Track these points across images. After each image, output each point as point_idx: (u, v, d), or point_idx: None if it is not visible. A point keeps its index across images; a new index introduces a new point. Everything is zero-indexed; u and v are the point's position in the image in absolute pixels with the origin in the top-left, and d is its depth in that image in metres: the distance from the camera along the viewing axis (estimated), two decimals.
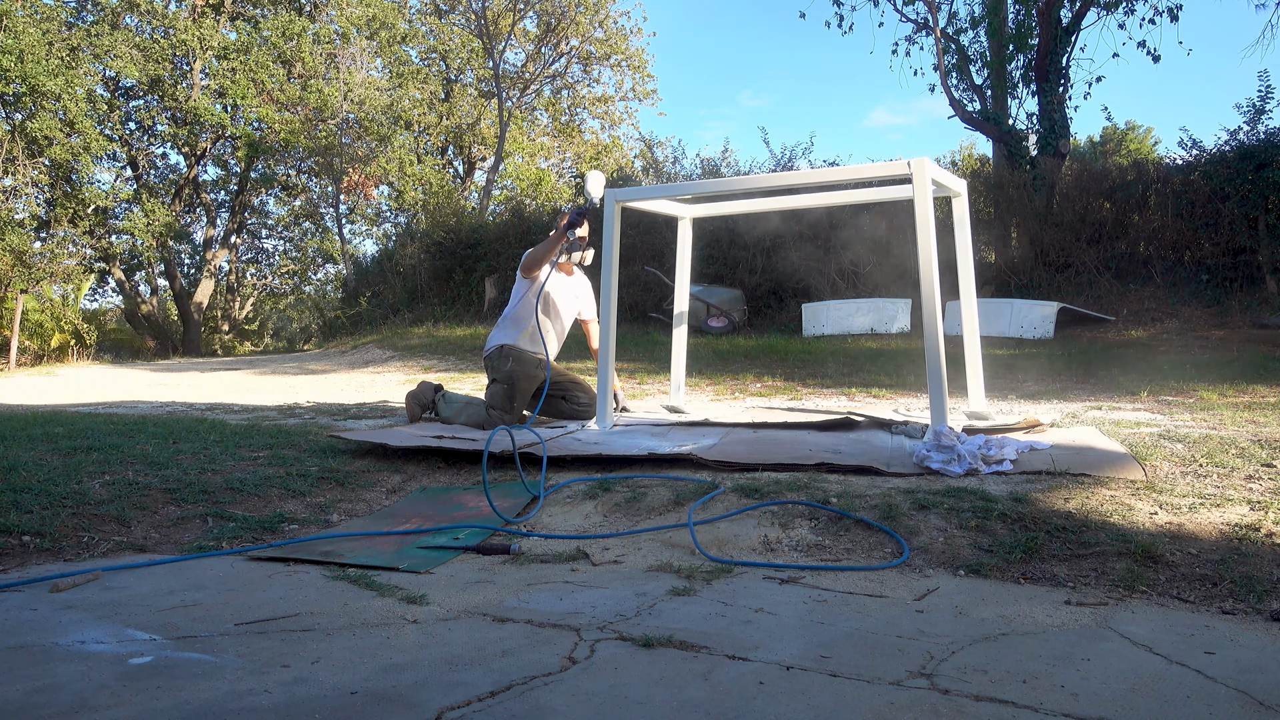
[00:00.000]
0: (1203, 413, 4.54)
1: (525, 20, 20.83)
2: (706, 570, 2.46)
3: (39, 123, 15.80)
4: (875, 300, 10.90)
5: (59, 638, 1.90)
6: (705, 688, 1.65)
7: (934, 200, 3.72)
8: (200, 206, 22.31)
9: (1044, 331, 9.41)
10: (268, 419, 5.28)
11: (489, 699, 1.60)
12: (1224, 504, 2.68)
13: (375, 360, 10.54)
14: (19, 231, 14.93)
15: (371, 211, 23.15)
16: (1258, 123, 10.54)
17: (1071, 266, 11.22)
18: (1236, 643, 1.87)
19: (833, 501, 2.87)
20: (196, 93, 19.38)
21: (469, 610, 2.15)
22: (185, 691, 1.62)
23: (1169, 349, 8.01)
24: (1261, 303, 9.78)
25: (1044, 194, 11.69)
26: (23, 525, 2.75)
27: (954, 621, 2.02)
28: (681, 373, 5.14)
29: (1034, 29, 12.49)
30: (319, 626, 2.02)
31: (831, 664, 1.76)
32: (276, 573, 2.48)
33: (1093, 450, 3.40)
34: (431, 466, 3.71)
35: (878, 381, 6.57)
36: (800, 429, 4.22)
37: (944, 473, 3.13)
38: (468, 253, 15.16)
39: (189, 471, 3.49)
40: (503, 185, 22.32)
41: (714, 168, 15.65)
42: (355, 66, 19.33)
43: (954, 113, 13.19)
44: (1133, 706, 1.55)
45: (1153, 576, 2.27)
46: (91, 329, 15.34)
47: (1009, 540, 2.52)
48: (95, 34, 17.93)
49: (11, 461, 3.46)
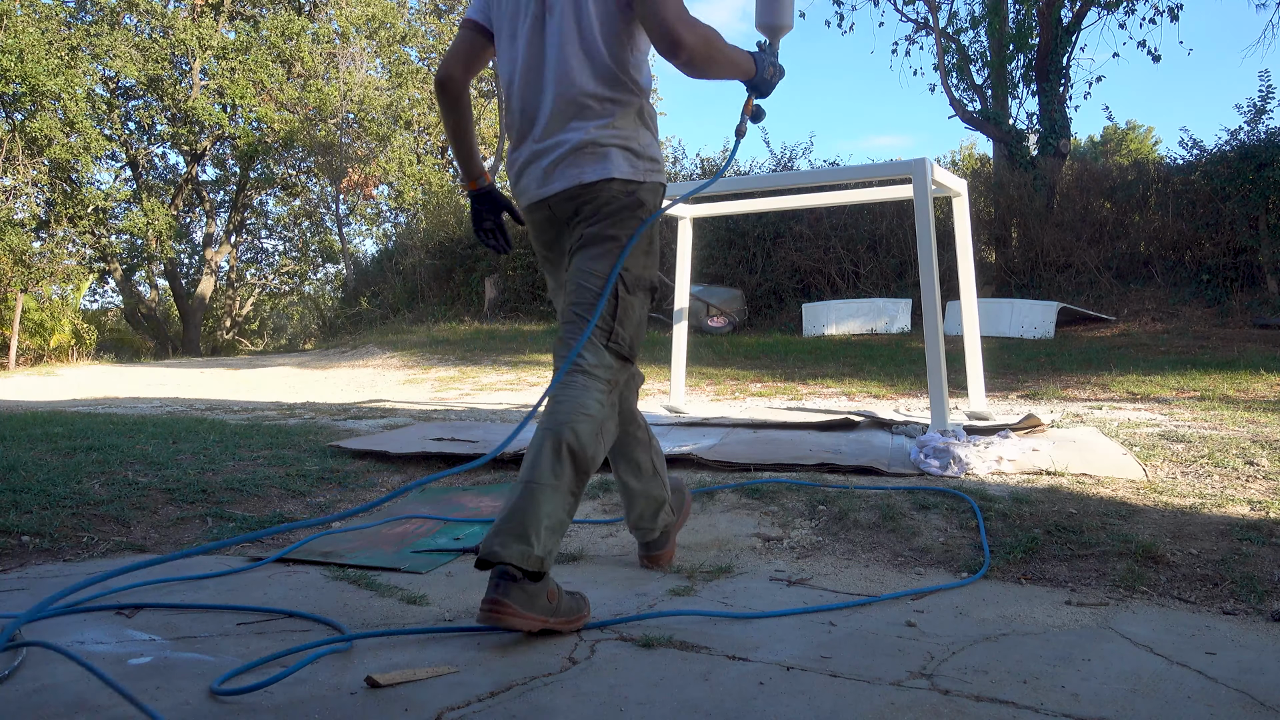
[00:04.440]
0: (1203, 413, 4.54)
1: None
2: (706, 570, 2.45)
3: (39, 123, 15.79)
4: (875, 300, 10.89)
5: (59, 638, 1.90)
6: (705, 688, 1.64)
7: (934, 200, 3.72)
8: (200, 206, 22.30)
9: (1044, 331, 9.41)
10: (268, 419, 5.27)
11: (489, 699, 1.59)
12: (1224, 504, 2.68)
13: (375, 359, 10.54)
14: (19, 231, 14.92)
15: (371, 211, 23.15)
16: (1258, 123, 10.55)
17: (1072, 266, 11.22)
18: (1238, 643, 1.87)
19: (833, 501, 2.87)
20: (196, 92, 19.37)
21: (469, 610, 2.15)
22: (185, 692, 1.62)
23: (1169, 349, 8.01)
24: (1262, 303, 9.78)
25: (1044, 194, 11.69)
26: (22, 525, 2.74)
27: (954, 622, 2.02)
28: (681, 373, 5.14)
29: (1034, 29, 12.49)
30: (318, 629, 2.01)
31: (832, 664, 1.75)
32: (276, 573, 2.48)
33: (1093, 450, 3.40)
34: (431, 467, 3.71)
35: (878, 381, 6.57)
36: (800, 429, 4.21)
37: (944, 473, 3.13)
38: (468, 253, 15.16)
39: (189, 471, 3.49)
40: (503, 185, 22.31)
41: (714, 167, 15.65)
42: (355, 66, 19.32)
43: (954, 113, 13.19)
44: (1133, 707, 1.55)
45: (1153, 577, 2.27)
46: (91, 329, 15.33)
47: (1009, 540, 2.52)
48: (94, 33, 17.93)
49: (11, 461, 3.46)
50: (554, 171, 2.11)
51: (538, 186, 2.15)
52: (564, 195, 2.11)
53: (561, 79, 2.07)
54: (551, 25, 2.09)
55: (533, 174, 2.16)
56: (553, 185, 2.12)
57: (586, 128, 2.07)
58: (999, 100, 13.32)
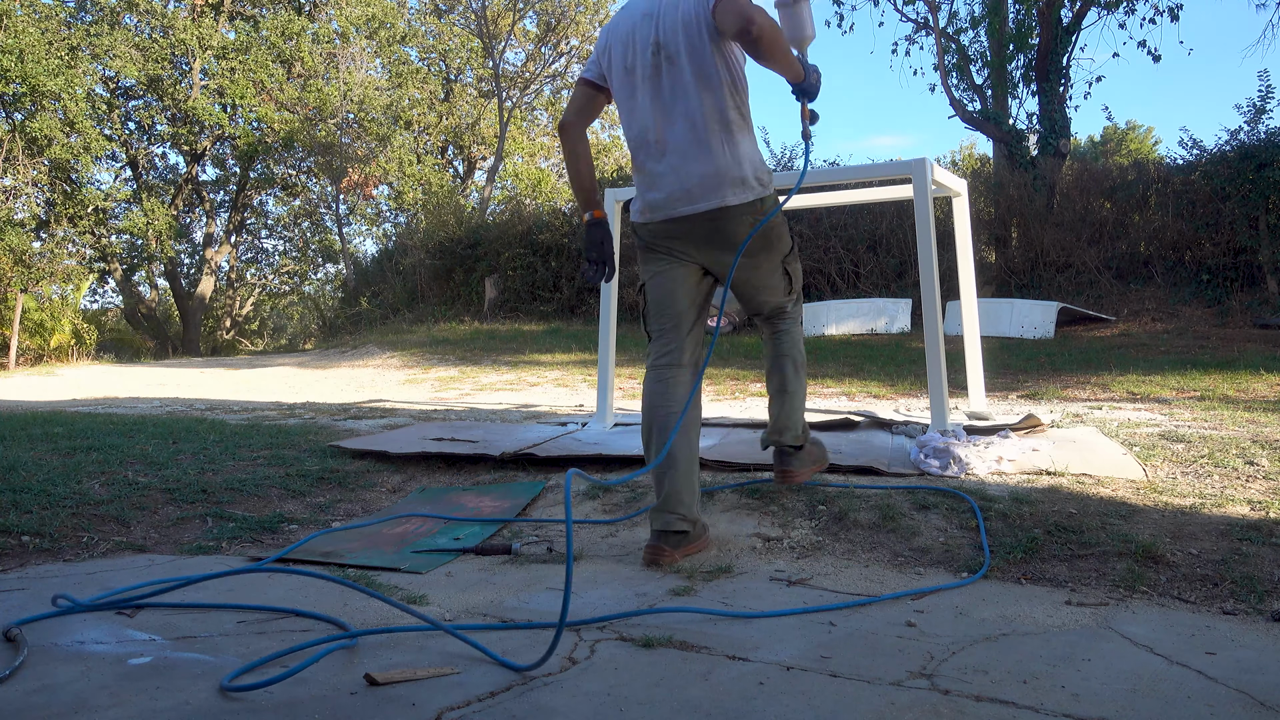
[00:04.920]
0: (1203, 413, 4.54)
1: (525, 20, 20.84)
2: (706, 570, 2.45)
3: (39, 123, 15.79)
4: (875, 300, 10.89)
5: (59, 638, 1.90)
6: (705, 688, 1.64)
7: (934, 200, 3.72)
8: (200, 206, 22.30)
9: (1044, 331, 9.41)
10: (268, 419, 5.27)
11: (489, 699, 1.59)
12: (1224, 504, 2.68)
13: (375, 359, 10.54)
14: (19, 231, 14.92)
15: (371, 211, 23.15)
16: (1258, 122, 10.54)
17: (1072, 266, 11.22)
18: (1237, 643, 1.87)
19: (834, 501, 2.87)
20: (196, 92, 19.37)
21: (469, 610, 2.15)
22: (185, 691, 1.62)
23: (1169, 349, 8.01)
24: (1262, 303, 9.78)
25: (1044, 194, 11.69)
26: (22, 525, 2.75)
27: (954, 622, 2.02)
28: None
29: (1034, 29, 12.49)
30: (319, 627, 2.01)
31: (832, 664, 1.75)
32: (276, 573, 2.48)
33: (1093, 450, 3.40)
34: (431, 467, 3.71)
35: (878, 381, 6.57)
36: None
37: (944, 473, 3.13)
38: (468, 253, 15.16)
39: (189, 471, 3.49)
40: (503, 185, 22.32)
41: None
42: (355, 66, 19.32)
43: (954, 113, 13.19)
44: (1133, 707, 1.55)
45: (1153, 577, 2.27)
46: (91, 329, 15.33)
47: (1009, 540, 2.52)
48: (94, 33, 17.92)
49: (11, 461, 3.46)
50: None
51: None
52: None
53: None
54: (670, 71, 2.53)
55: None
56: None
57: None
58: (999, 100, 13.32)
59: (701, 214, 2.53)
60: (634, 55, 2.54)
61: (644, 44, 2.53)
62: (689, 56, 2.47)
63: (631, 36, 2.55)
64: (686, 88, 2.48)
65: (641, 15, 2.55)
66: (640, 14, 2.56)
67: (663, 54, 2.49)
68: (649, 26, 2.52)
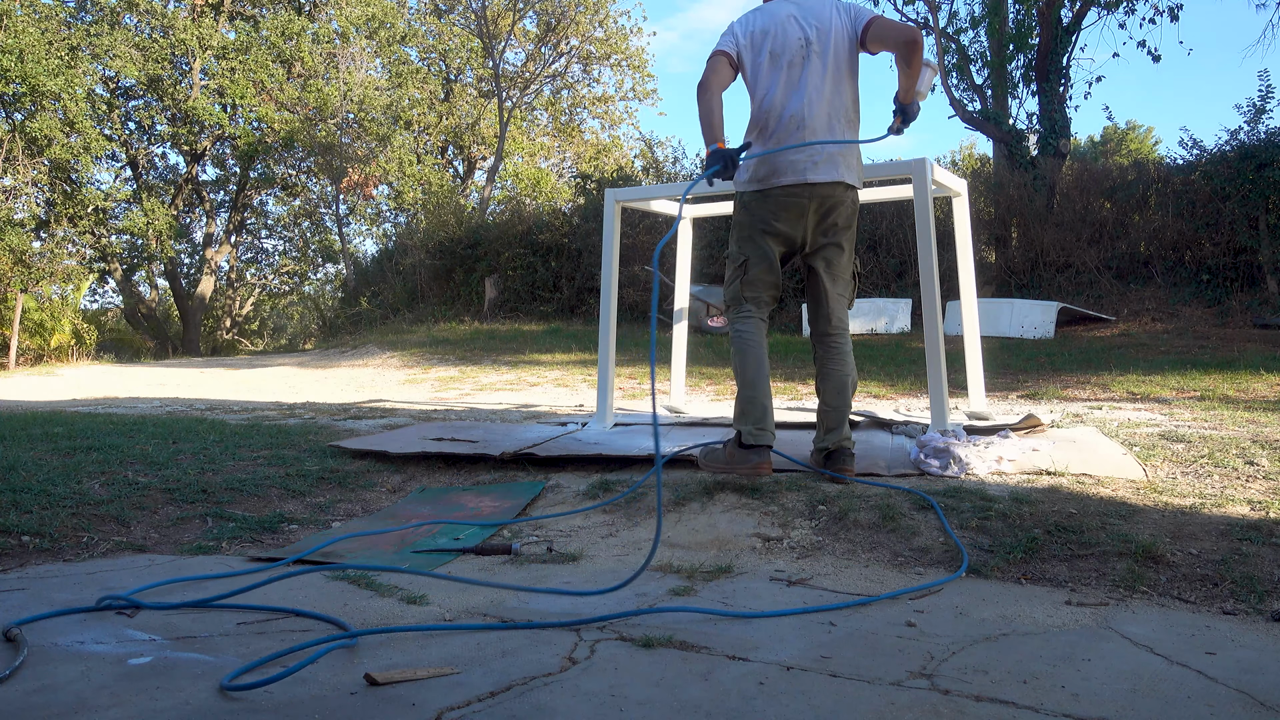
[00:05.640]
0: (1203, 413, 4.54)
1: (525, 20, 20.84)
2: (706, 570, 2.45)
3: (39, 123, 15.79)
4: (875, 300, 10.90)
5: (59, 638, 1.90)
6: (705, 688, 1.64)
7: (934, 200, 3.72)
8: (200, 206, 22.30)
9: (1044, 331, 9.41)
10: (268, 419, 5.27)
11: (489, 699, 1.59)
12: (1224, 504, 2.68)
13: (375, 359, 10.54)
14: (19, 231, 14.92)
15: (371, 211, 23.15)
16: (1258, 123, 10.54)
17: (1071, 266, 11.22)
18: (1237, 643, 1.87)
19: (833, 502, 2.87)
20: (196, 92, 19.37)
21: (469, 610, 2.15)
22: (185, 691, 1.62)
23: (1169, 349, 8.01)
24: (1262, 303, 9.78)
25: (1044, 194, 11.69)
26: (22, 525, 2.75)
27: (954, 622, 2.02)
28: (681, 373, 5.14)
29: (1034, 29, 12.49)
30: (318, 627, 2.01)
31: (832, 664, 1.75)
32: (276, 573, 2.48)
33: (1093, 450, 3.40)
34: (431, 467, 3.71)
35: (878, 381, 6.57)
36: (800, 429, 4.21)
37: (944, 473, 3.13)
38: (468, 253, 15.16)
39: (189, 471, 3.49)
40: (503, 185, 22.32)
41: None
42: (355, 66, 19.32)
43: (954, 113, 13.19)
44: (1133, 707, 1.55)
45: (1153, 577, 2.27)
46: (91, 329, 15.33)
47: (1009, 540, 2.52)
48: (94, 33, 17.93)
49: (11, 461, 3.46)
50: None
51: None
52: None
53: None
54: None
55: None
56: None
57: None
58: (999, 100, 13.32)
59: (823, 183, 2.98)
60: (781, 45, 3.01)
61: (795, 40, 3.01)
62: (833, 57, 3.00)
63: (782, 30, 3.02)
64: (828, 80, 3.00)
65: (786, 16, 3.03)
66: (785, 15, 3.04)
67: (811, 49, 3.00)
68: (796, 26, 3.02)
